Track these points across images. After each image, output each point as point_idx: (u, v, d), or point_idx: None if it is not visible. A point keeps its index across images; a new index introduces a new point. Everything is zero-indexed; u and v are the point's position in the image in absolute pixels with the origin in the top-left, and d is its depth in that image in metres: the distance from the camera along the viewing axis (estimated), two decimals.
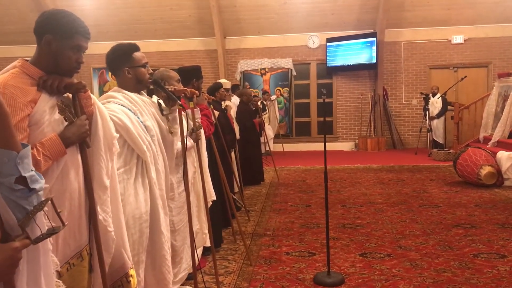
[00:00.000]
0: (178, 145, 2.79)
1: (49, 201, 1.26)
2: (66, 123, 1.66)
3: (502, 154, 6.84)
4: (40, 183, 1.19)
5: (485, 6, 10.84)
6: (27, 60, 1.68)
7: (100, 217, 1.81)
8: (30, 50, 1.70)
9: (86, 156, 1.76)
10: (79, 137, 1.68)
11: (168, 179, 2.65)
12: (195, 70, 3.66)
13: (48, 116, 1.62)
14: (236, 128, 6.28)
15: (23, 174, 1.14)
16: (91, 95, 1.82)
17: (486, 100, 9.51)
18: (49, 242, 1.37)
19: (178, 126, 2.72)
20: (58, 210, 1.34)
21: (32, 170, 1.18)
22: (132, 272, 1.99)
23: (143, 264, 2.37)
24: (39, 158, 1.51)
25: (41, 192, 1.20)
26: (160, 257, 2.47)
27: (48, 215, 1.38)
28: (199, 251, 3.52)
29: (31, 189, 1.16)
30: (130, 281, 1.97)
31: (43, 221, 1.26)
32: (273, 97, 11.70)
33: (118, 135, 1.99)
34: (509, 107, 8.35)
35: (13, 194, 1.14)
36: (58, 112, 1.63)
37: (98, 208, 1.80)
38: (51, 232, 1.26)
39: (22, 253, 1.15)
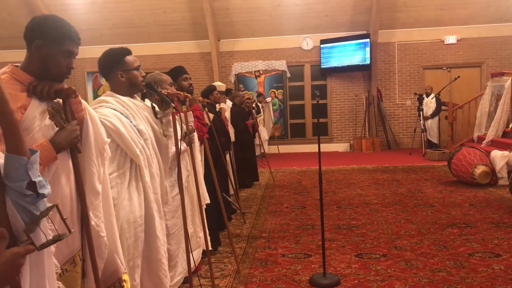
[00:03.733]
0: (173, 148, 2.79)
1: (55, 208, 1.28)
2: (56, 129, 1.65)
3: (496, 153, 6.88)
4: (47, 189, 1.21)
5: (478, 6, 10.91)
6: (17, 66, 1.67)
7: (93, 223, 1.80)
8: (23, 55, 1.70)
9: (78, 162, 1.75)
10: (70, 142, 1.67)
11: (164, 183, 2.65)
12: (172, 72, 3.62)
13: (39, 121, 1.61)
14: (231, 131, 6.27)
15: (33, 179, 1.16)
16: (82, 100, 1.81)
17: (479, 100, 9.56)
18: (52, 245, 1.39)
19: (172, 129, 2.72)
20: (64, 217, 1.35)
21: (39, 175, 1.20)
22: (125, 277, 1.98)
23: (138, 268, 2.36)
24: None
25: (46, 198, 1.22)
26: (156, 261, 2.45)
27: (54, 221, 1.40)
28: (196, 254, 3.51)
29: (39, 195, 1.18)
30: (124, 286, 1.96)
31: (46, 227, 1.28)
32: (268, 99, 11.72)
33: (109, 140, 1.98)
34: (502, 106, 8.40)
35: (22, 200, 1.16)
36: (49, 118, 1.62)
37: (91, 214, 1.79)
38: (57, 238, 1.28)
39: (26, 257, 1.16)
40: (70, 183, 1.73)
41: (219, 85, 6.79)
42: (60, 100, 1.72)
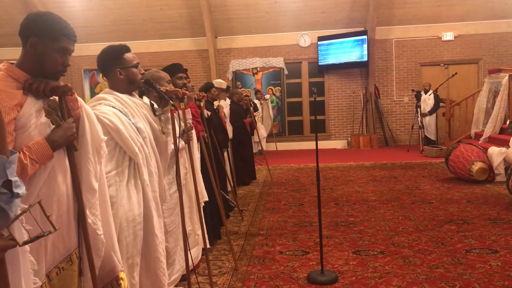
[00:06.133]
0: (171, 146, 2.78)
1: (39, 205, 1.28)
2: (53, 126, 1.64)
3: (493, 150, 6.89)
4: (22, 189, 1.21)
5: (475, 2, 10.91)
6: (12, 63, 1.65)
7: (89, 221, 1.79)
8: (19, 53, 1.69)
9: (74, 159, 1.74)
10: (66, 140, 1.66)
11: (162, 181, 2.64)
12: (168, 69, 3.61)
13: (35, 119, 1.60)
14: (229, 128, 6.27)
15: (10, 178, 1.16)
16: (78, 98, 1.80)
17: (477, 96, 9.58)
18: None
19: (171, 127, 2.71)
20: (48, 214, 1.34)
21: (16, 176, 1.20)
22: (122, 275, 1.98)
23: (137, 267, 2.35)
24: (25, 162, 1.49)
25: (18, 200, 1.22)
26: (154, 260, 2.45)
27: (37, 219, 1.39)
28: (194, 252, 3.50)
29: (13, 194, 1.18)
30: (121, 284, 1.95)
31: (20, 225, 1.29)
32: (267, 96, 11.71)
33: (106, 137, 1.97)
34: (499, 103, 8.42)
35: None
36: (45, 115, 1.61)
37: (87, 212, 1.78)
38: (41, 235, 1.28)
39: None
40: (66, 181, 1.72)
41: (220, 82, 6.77)
42: (56, 98, 1.71)
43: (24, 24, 1.67)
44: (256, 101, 10.67)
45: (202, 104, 4.16)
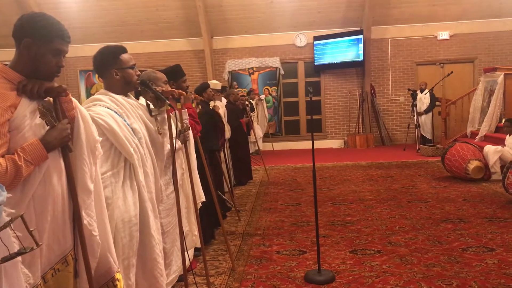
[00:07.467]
0: (168, 146, 2.78)
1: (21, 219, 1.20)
2: (47, 128, 1.64)
3: (489, 148, 6.90)
4: (2, 196, 1.14)
5: (470, 2, 10.94)
6: (6, 64, 1.65)
7: (85, 222, 1.78)
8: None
9: (69, 160, 1.74)
10: (61, 141, 1.66)
11: (158, 182, 2.63)
12: (172, 72, 3.62)
13: (29, 120, 1.59)
14: (227, 128, 6.26)
15: None
16: (73, 99, 1.79)
17: (472, 95, 9.60)
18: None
19: (167, 127, 2.71)
20: (31, 229, 1.27)
21: None
22: (118, 276, 1.97)
23: (133, 268, 2.34)
24: (20, 164, 1.49)
25: (1, 207, 1.14)
26: (151, 261, 2.44)
27: (18, 234, 1.31)
28: (190, 252, 3.50)
29: None
30: (117, 285, 1.95)
31: (9, 238, 1.20)
32: (262, 96, 11.70)
33: (101, 138, 1.97)
34: (495, 101, 8.44)
35: None
36: (40, 117, 1.61)
37: (83, 213, 1.78)
38: (22, 251, 1.20)
39: None
40: (61, 182, 1.72)
41: (215, 83, 6.76)
42: (51, 99, 1.71)
43: (17, 25, 1.66)
44: (251, 101, 10.65)
45: (194, 105, 4.17)
